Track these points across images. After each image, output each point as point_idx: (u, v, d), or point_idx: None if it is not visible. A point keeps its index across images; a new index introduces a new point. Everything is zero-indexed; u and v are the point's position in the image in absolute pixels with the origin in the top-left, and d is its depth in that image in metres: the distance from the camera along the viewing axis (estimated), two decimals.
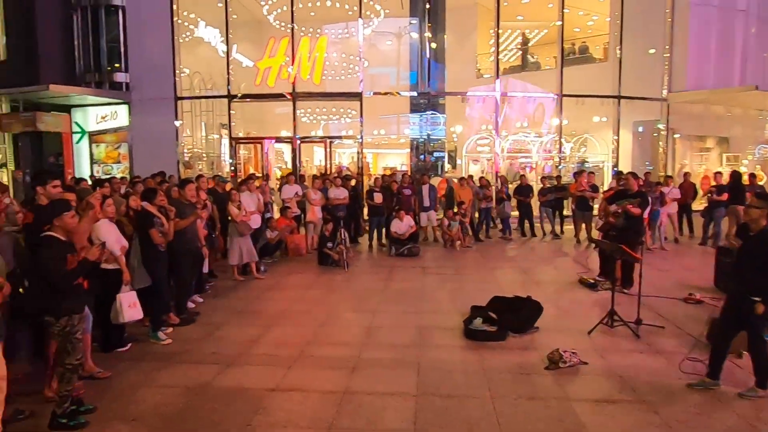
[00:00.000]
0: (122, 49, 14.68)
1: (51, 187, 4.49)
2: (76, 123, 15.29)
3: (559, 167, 14.91)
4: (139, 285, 5.39)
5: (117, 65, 14.90)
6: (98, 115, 15.19)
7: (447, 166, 18.51)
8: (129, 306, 5.01)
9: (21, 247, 4.24)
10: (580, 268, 8.73)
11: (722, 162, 16.72)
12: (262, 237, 9.18)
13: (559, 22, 14.80)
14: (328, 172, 14.20)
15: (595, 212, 10.75)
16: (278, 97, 14.61)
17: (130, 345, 5.31)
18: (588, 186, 11.08)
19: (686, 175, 12.33)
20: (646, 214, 9.65)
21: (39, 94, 13.67)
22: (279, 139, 15.94)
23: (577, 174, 11.85)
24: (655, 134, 15.97)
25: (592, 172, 12.72)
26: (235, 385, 4.42)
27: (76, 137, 15.36)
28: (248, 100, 15.19)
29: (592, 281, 7.61)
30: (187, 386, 4.41)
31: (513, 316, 5.78)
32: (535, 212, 12.45)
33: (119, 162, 15.19)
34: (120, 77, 14.71)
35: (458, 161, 17.98)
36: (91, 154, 15.52)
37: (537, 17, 17.85)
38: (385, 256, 10.29)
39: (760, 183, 12.34)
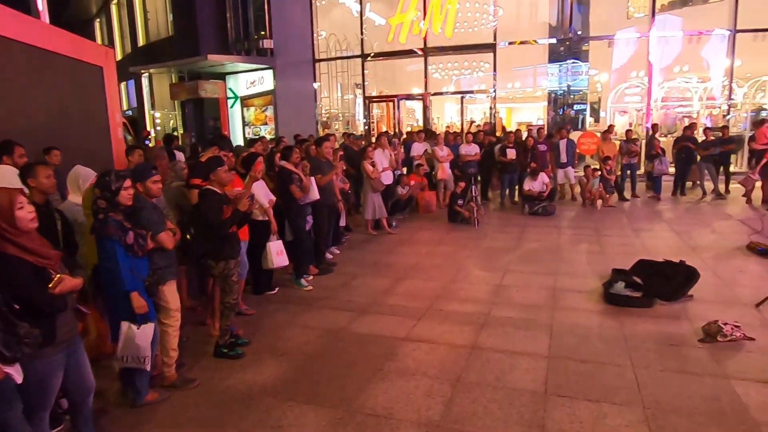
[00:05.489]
0: (267, 17, 15.68)
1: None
2: (230, 89, 16.87)
3: (727, 117, 12.88)
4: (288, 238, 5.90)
5: (263, 33, 15.98)
6: (248, 80, 16.56)
7: (589, 120, 17.03)
8: (277, 254, 5.49)
9: (187, 199, 4.83)
10: (747, 231, 7.58)
11: None
12: (393, 193, 9.40)
13: None
14: (465, 128, 13.93)
15: None
16: (410, 53, 14.54)
17: (277, 289, 5.87)
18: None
19: None
20: None
21: (199, 64, 15.27)
22: (410, 96, 15.97)
23: (757, 124, 10.10)
24: None
25: None
26: (368, 331, 4.67)
27: (230, 102, 16.98)
28: (381, 58, 15.36)
29: (766, 248, 6.57)
30: (326, 329, 4.77)
31: (662, 281, 5.25)
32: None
33: (266, 124, 16.51)
34: (265, 44, 15.78)
35: (602, 113, 16.43)
36: (243, 117, 17.08)
37: None
38: (518, 214, 9.94)
39: None
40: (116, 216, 3.16)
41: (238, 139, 16.36)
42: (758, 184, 9.56)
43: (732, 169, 11.35)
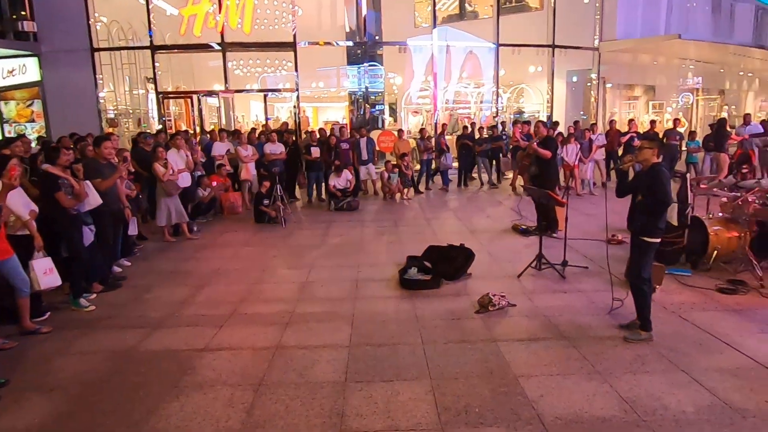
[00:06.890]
0: None
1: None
2: None
3: (496, 118, 15.07)
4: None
5: (23, 12, 13.45)
6: (4, 69, 13.77)
7: (388, 119, 18.27)
8: (44, 273, 4.73)
9: None
10: (513, 215, 8.98)
11: (648, 110, 17.47)
12: (193, 196, 8.82)
13: None
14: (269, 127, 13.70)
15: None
16: (205, 47, 13.77)
17: (48, 314, 5.02)
18: (521, 136, 11.29)
19: (612, 123, 12.71)
20: (576, 162, 10.04)
21: None
22: (211, 93, 15.14)
23: (514, 125, 12.05)
24: (588, 84, 16.38)
25: (527, 122, 12.94)
26: (162, 347, 4.29)
27: None
28: (174, 51, 14.24)
29: (525, 227, 7.87)
30: (111, 351, 4.24)
31: (446, 264, 5.90)
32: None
33: (33, 121, 13.99)
34: (26, 26, 13.31)
35: (400, 114, 17.78)
36: (1, 113, 14.19)
37: None
38: (324, 211, 10.19)
39: (681, 129, 12.99)
40: None
41: None
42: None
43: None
